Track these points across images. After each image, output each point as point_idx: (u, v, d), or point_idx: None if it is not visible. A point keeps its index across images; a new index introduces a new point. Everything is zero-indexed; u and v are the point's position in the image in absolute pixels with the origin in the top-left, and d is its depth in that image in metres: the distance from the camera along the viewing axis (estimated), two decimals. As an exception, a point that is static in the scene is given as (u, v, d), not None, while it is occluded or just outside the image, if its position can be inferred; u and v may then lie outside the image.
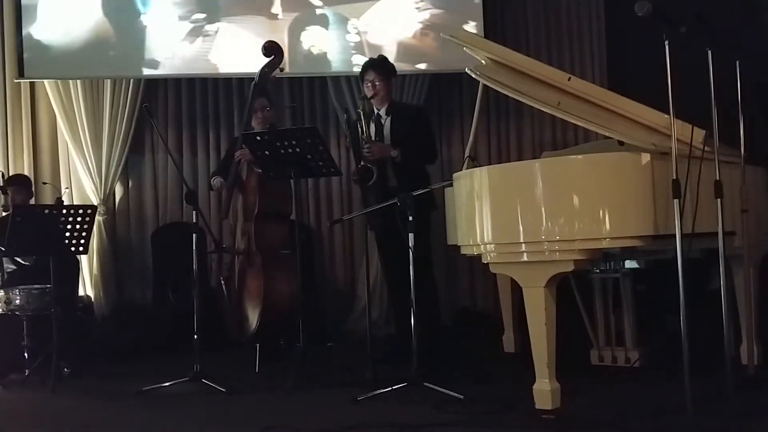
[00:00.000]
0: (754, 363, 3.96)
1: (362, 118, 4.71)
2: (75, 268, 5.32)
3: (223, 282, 5.04)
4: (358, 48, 6.17)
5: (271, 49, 4.91)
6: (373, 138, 4.72)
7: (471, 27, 6.04)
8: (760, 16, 5.83)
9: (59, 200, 5.14)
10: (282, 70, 4.96)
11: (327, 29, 6.17)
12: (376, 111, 4.81)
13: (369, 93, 4.74)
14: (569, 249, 3.25)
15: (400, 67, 5.27)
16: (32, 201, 5.40)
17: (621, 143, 3.56)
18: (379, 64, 4.84)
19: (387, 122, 4.79)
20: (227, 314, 5.00)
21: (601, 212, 3.21)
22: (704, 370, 3.07)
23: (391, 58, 5.21)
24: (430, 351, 4.45)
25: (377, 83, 4.76)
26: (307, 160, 4.31)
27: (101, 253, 6.14)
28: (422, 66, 6.20)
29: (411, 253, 3.88)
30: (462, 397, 3.65)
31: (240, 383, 4.26)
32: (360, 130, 4.70)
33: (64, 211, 4.53)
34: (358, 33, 6.17)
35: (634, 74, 6.11)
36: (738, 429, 3.00)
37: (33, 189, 5.43)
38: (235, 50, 6.06)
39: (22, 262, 5.01)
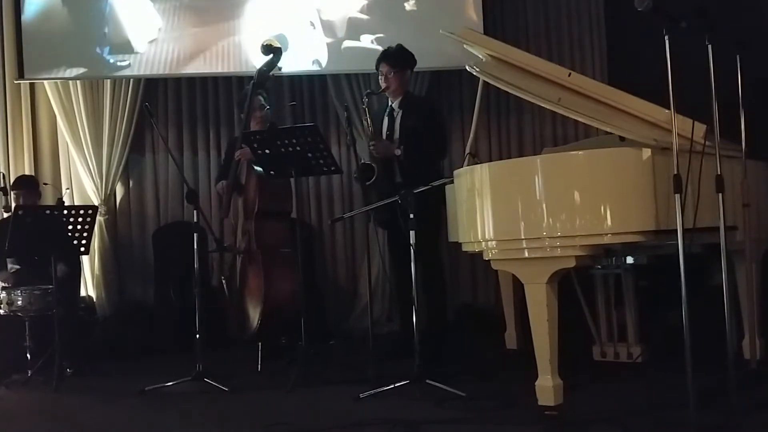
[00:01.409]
0: (757, 358, 3.96)
1: (367, 114, 4.67)
2: (76, 268, 5.33)
3: (224, 281, 5.04)
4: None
5: (270, 47, 4.91)
6: (385, 132, 4.67)
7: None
8: (759, 9, 5.82)
9: (60, 201, 5.14)
10: (280, 68, 4.95)
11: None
12: (389, 104, 4.75)
13: (382, 85, 4.67)
14: (571, 245, 3.24)
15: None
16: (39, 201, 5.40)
17: (622, 139, 3.56)
18: (391, 55, 4.70)
19: (399, 116, 4.71)
20: (229, 313, 5.00)
21: (602, 208, 3.21)
22: (706, 366, 3.07)
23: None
24: (436, 349, 4.45)
25: (389, 75, 4.67)
26: (307, 159, 4.31)
27: (102, 253, 6.14)
28: (422, 63, 6.18)
29: (412, 250, 3.87)
30: (464, 394, 3.66)
31: (242, 382, 4.26)
32: (366, 125, 4.66)
33: (65, 211, 4.54)
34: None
35: (635, 70, 6.10)
36: (740, 424, 2.99)
37: (40, 189, 5.43)
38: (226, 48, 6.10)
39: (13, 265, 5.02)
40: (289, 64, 5.82)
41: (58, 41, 5.95)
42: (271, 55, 4.90)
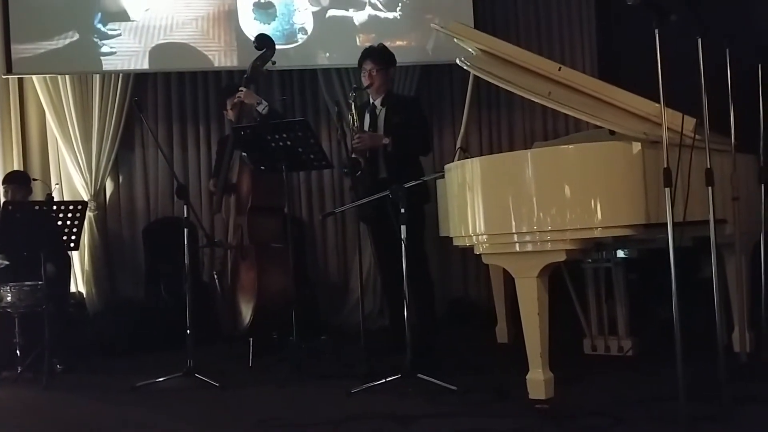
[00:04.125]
0: (746, 350, 3.99)
1: (353, 108, 4.67)
2: (66, 264, 5.31)
3: (216, 276, 5.03)
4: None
5: (263, 41, 4.89)
6: (367, 128, 4.67)
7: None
8: (748, 1, 5.83)
9: (49, 196, 5.11)
10: (274, 63, 4.93)
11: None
12: (371, 101, 4.75)
13: (365, 82, 4.68)
14: (561, 239, 3.25)
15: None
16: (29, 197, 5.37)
17: (612, 132, 3.57)
18: (376, 53, 4.72)
19: (382, 113, 4.71)
20: (220, 309, 5.00)
21: (592, 202, 3.22)
22: (697, 358, 3.08)
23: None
24: (425, 344, 4.45)
25: (374, 73, 4.67)
26: (298, 153, 4.30)
27: (93, 249, 6.11)
28: (413, 57, 6.20)
29: (403, 245, 3.87)
30: (455, 388, 3.66)
31: (233, 377, 4.26)
32: (351, 120, 4.67)
33: (55, 207, 4.52)
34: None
35: (625, 63, 6.12)
36: (730, 416, 3.01)
37: (31, 185, 5.40)
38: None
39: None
40: (277, 33, 5.95)
41: (50, 8, 5.90)
42: (264, 50, 4.87)
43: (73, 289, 5.92)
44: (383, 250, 4.74)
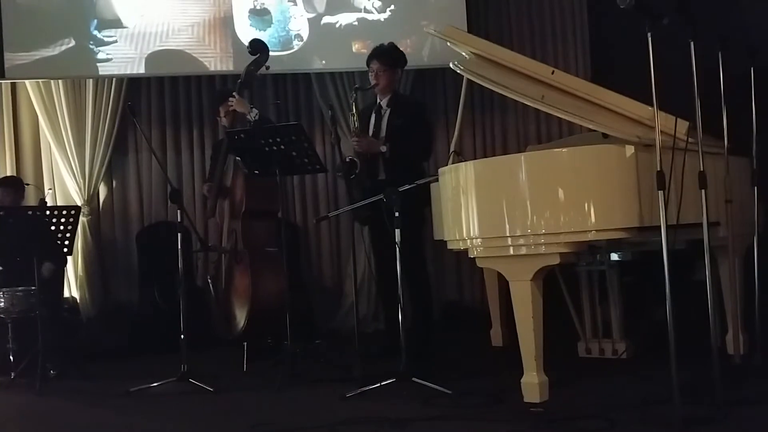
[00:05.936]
0: (740, 352, 4.00)
1: (354, 109, 4.66)
2: (61, 269, 5.29)
3: (210, 281, 5.02)
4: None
5: (257, 46, 4.89)
6: (371, 129, 4.67)
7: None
8: (740, 4, 5.86)
9: (42, 201, 5.09)
10: (268, 68, 4.93)
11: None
12: (378, 101, 4.74)
13: (372, 82, 4.66)
14: (555, 242, 3.25)
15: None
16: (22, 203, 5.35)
17: (605, 136, 3.58)
18: (383, 53, 4.68)
19: (387, 114, 4.70)
20: (214, 313, 4.99)
21: (586, 205, 3.22)
22: (691, 360, 3.09)
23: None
24: (422, 348, 4.46)
25: (380, 73, 4.64)
26: (292, 158, 4.30)
27: (86, 254, 6.10)
28: (408, 63, 6.19)
29: (398, 248, 3.86)
30: (450, 391, 3.66)
31: (228, 382, 4.24)
32: (353, 120, 4.66)
33: (48, 212, 4.50)
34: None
35: (618, 67, 6.14)
36: (725, 418, 3.01)
37: (24, 191, 5.38)
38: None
39: None
40: (273, 40, 5.97)
41: (45, 14, 5.88)
42: (258, 54, 4.87)
43: (66, 294, 5.90)
44: (381, 252, 4.73)
